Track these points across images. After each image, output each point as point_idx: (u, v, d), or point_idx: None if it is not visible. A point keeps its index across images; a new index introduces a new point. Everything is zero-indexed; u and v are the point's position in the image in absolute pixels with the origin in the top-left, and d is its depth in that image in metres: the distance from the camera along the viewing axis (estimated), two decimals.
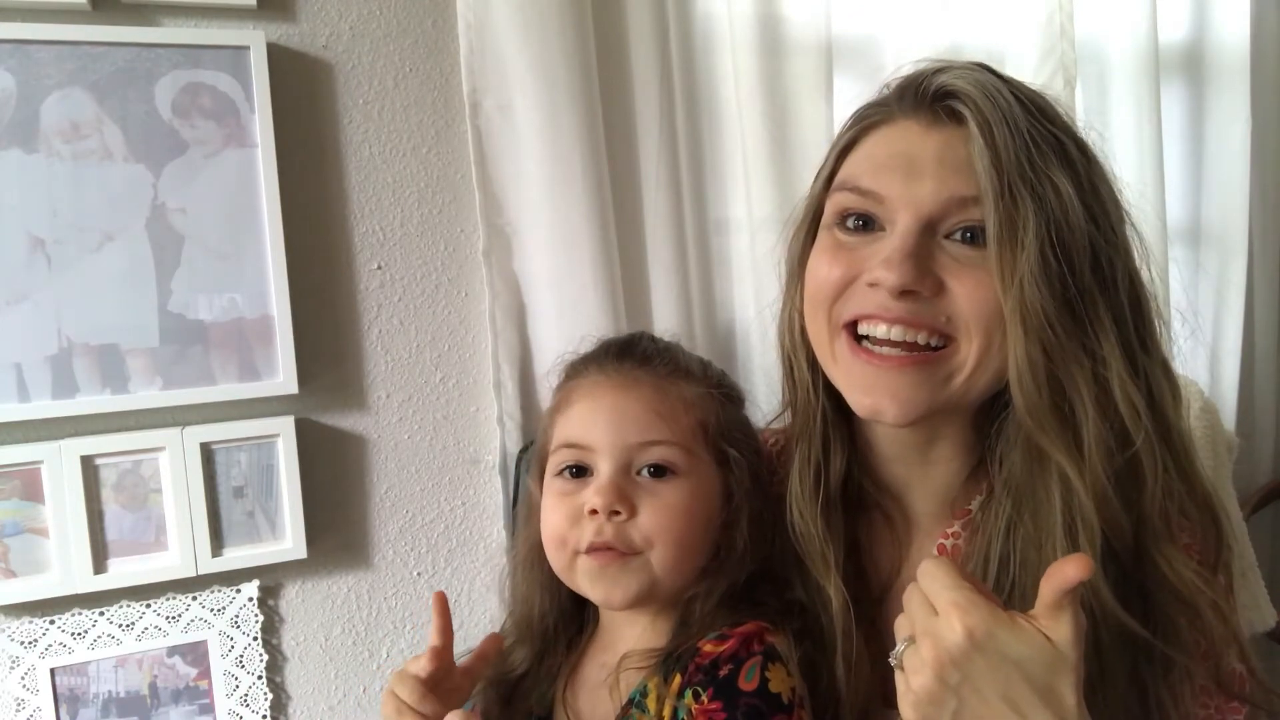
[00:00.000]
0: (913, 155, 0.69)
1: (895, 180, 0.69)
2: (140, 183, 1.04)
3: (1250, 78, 1.50)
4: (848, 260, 0.70)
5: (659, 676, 0.69)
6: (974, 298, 0.66)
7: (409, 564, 1.18)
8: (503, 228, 1.17)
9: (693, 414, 0.77)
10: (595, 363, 0.81)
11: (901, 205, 0.68)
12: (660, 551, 0.73)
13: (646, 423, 0.75)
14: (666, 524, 0.73)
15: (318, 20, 1.11)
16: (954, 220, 0.67)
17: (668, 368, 0.80)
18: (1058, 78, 1.36)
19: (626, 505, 0.73)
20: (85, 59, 1.01)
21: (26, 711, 1.04)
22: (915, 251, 0.66)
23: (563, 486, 0.76)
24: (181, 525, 1.06)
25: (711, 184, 1.26)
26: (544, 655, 0.82)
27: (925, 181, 0.67)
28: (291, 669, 1.14)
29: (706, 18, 1.24)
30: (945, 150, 0.68)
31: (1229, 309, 1.55)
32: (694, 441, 0.76)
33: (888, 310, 0.67)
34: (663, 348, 0.83)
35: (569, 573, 0.76)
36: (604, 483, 0.73)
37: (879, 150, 0.72)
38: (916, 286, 0.66)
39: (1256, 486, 1.57)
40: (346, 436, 1.15)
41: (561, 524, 0.75)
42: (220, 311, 1.07)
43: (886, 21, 1.32)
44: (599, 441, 0.74)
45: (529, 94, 1.12)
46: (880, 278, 0.67)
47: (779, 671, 0.67)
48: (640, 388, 0.77)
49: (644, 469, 0.74)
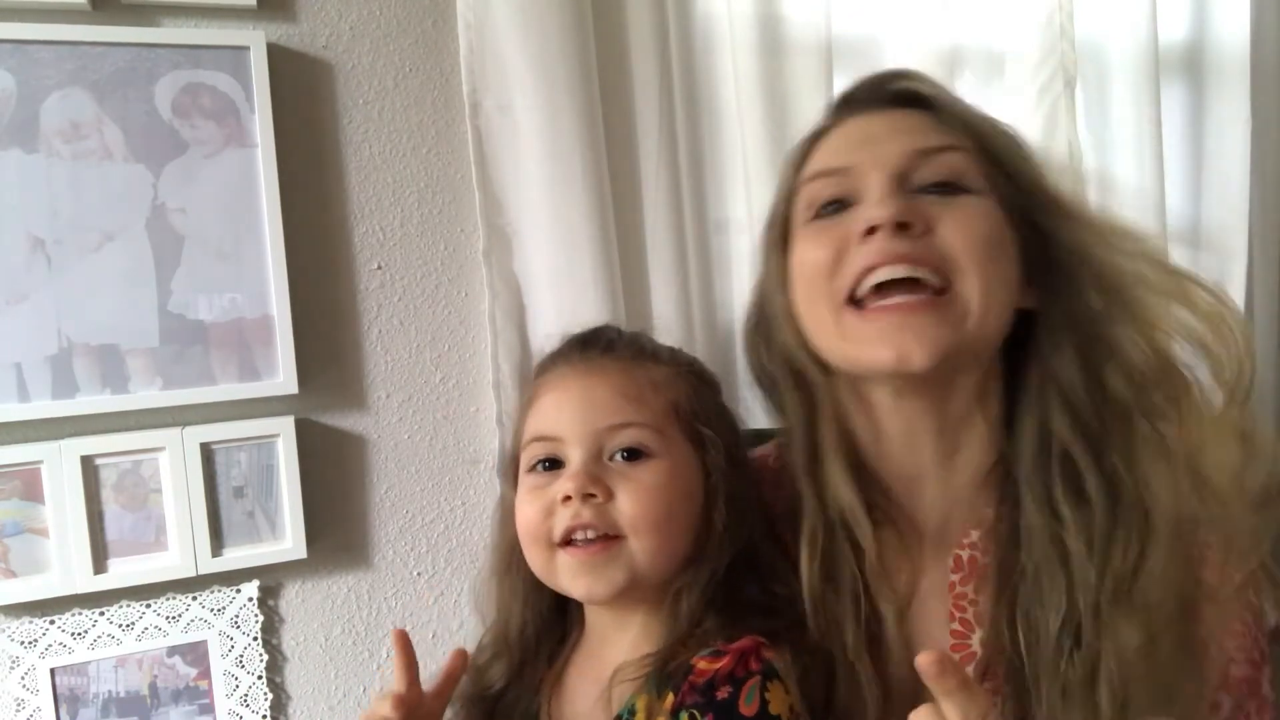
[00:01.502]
0: (867, 131, 0.73)
1: (855, 151, 0.72)
2: (140, 183, 1.04)
3: (1250, 78, 1.50)
4: (831, 237, 0.71)
5: (649, 694, 0.67)
6: (963, 231, 0.68)
7: (409, 564, 1.18)
8: (503, 228, 1.17)
9: (663, 395, 0.75)
10: (561, 356, 0.80)
11: (869, 168, 0.70)
12: (641, 536, 0.71)
13: (615, 406, 0.73)
14: (644, 506, 0.71)
15: (318, 20, 1.11)
16: (922, 174, 0.70)
17: (633, 351, 0.79)
18: (1058, 78, 1.36)
19: (600, 488, 0.71)
20: (85, 59, 1.01)
21: (26, 711, 1.04)
22: (897, 191, 0.69)
23: (535, 481, 0.75)
24: (181, 525, 1.06)
25: (711, 184, 1.26)
26: (523, 668, 0.80)
27: (887, 144, 0.71)
28: (291, 669, 1.14)
29: (706, 18, 1.24)
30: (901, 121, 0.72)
31: None
32: (666, 422, 0.74)
33: (886, 253, 0.67)
34: (628, 335, 0.82)
35: (549, 570, 0.74)
36: (575, 469, 0.72)
37: (833, 142, 0.75)
38: (909, 217, 0.67)
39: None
40: (346, 436, 1.15)
41: (536, 517, 0.73)
42: (220, 311, 1.07)
43: (886, 21, 1.32)
44: (567, 430, 0.73)
45: (529, 94, 1.12)
46: (872, 216, 0.68)
47: (778, 691, 0.65)
48: (606, 373, 0.76)
49: (616, 453, 0.73)
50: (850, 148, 0.72)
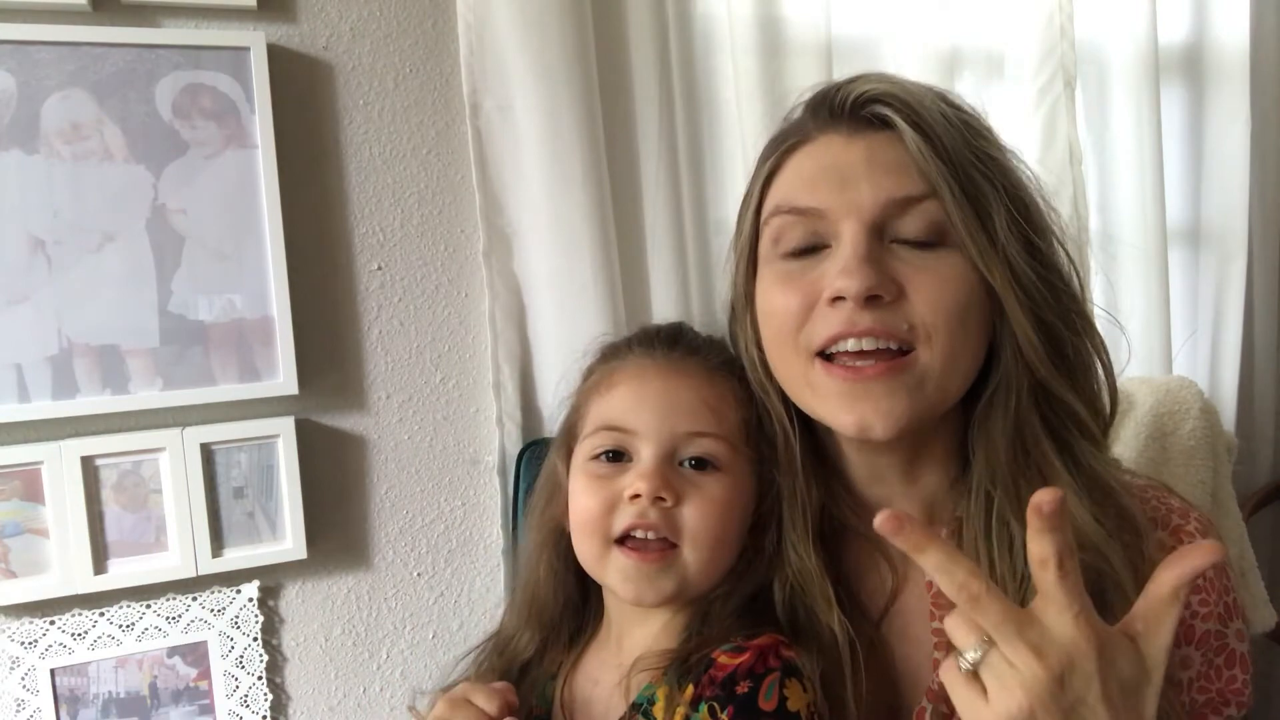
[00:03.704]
0: (841, 165, 0.68)
1: (830, 191, 0.68)
2: (140, 183, 1.04)
3: (1250, 78, 1.50)
4: (801, 286, 0.69)
5: (670, 684, 0.67)
6: (935, 300, 0.66)
7: (409, 565, 1.18)
8: (503, 228, 1.17)
9: (739, 411, 0.74)
10: (641, 346, 0.78)
11: (842, 214, 0.67)
12: (698, 549, 0.70)
13: (696, 412, 0.72)
14: (707, 519, 0.70)
15: (318, 21, 1.11)
16: (897, 224, 0.67)
17: (718, 359, 0.77)
18: (1058, 78, 1.36)
19: (672, 493, 0.70)
20: (86, 60, 1.02)
21: (27, 712, 1.04)
22: (869, 255, 0.66)
23: (598, 470, 0.73)
24: (181, 526, 1.06)
25: (711, 184, 1.26)
26: (547, 645, 0.80)
27: (860, 186, 0.67)
28: (291, 670, 1.14)
29: (706, 18, 1.24)
30: (873, 154, 0.68)
31: (1229, 309, 1.54)
32: (739, 438, 0.73)
33: (854, 324, 0.66)
34: (708, 339, 0.80)
35: (599, 564, 0.73)
36: (649, 468, 0.71)
37: (805, 168, 0.71)
38: (880, 290, 0.65)
39: (1256, 487, 1.57)
40: (346, 437, 1.15)
41: (596, 509, 0.72)
42: (220, 312, 1.07)
43: (886, 22, 1.32)
44: (644, 426, 0.72)
45: (529, 94, 1.12)
46: (842, 288, 0.65)
47: (795, 688, 0.65)
48: (690, 376, 0.74)
49: (687, 460, 0.72)
50: (824, 183, 0.69)
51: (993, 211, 0.66)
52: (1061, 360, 0.69)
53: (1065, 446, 0.70)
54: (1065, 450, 0.70)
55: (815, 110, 0.73)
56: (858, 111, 0.69)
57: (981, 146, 0.69)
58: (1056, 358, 0.69)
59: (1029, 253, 0.68)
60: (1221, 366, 1.55)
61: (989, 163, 0.68)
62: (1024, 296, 0.67)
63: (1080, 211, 1.38)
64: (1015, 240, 0.67)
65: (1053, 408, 0.71)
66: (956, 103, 0.72)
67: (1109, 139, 1.45)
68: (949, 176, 0.65)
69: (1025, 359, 0.68)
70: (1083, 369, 0.72)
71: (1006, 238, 0.66)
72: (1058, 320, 0.69)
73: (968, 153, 0.67)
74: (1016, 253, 0.66)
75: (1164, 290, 1.45)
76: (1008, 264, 0.66)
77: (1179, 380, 1.34)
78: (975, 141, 0.69)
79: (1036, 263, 0.68)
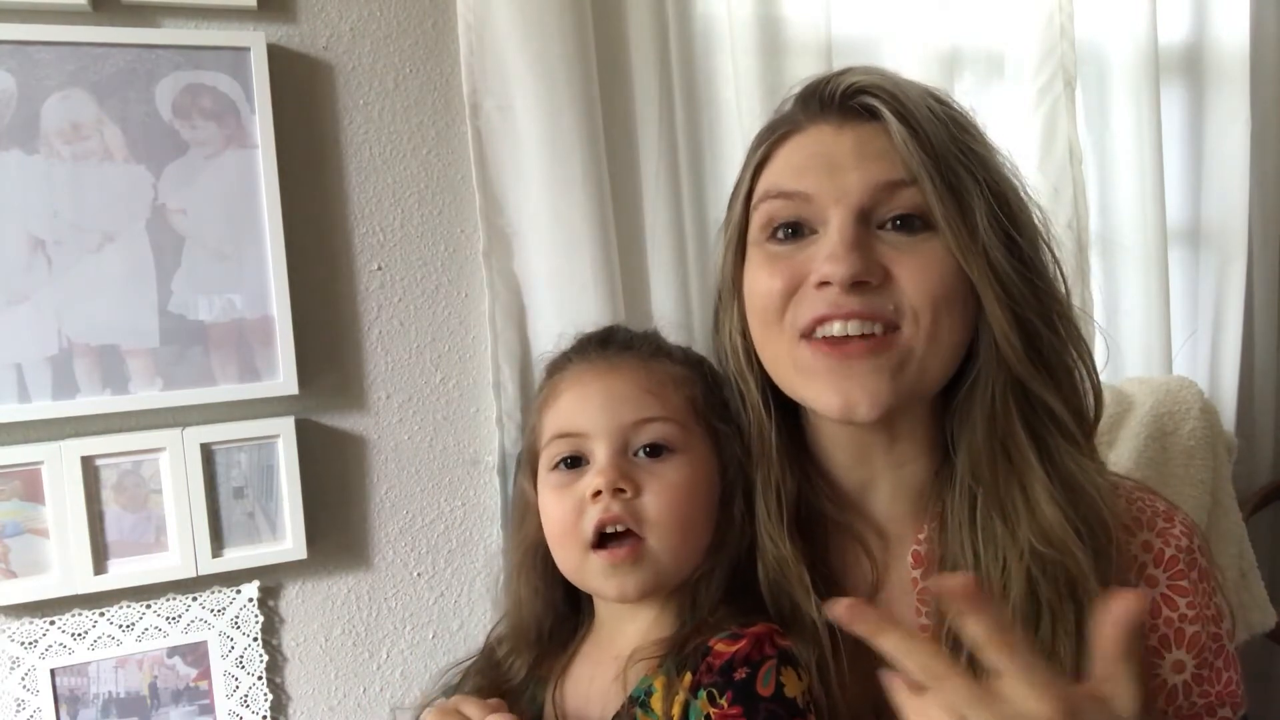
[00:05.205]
0: (830, 153, 0.70)
1: (819, 177, 0.69)
2: (140, 183, 1.04)
3: (1250, 78, 1.50)
4: (787, 268, 0.70)
5: (667, 674, 0.68)
6: (919, 282, 0.67)
7: (409, 565, 1.18)
8: (503, 228, 1.17)
9: (682, 390, 0.76)
10: (577, 354, 0.81)
11: (830, 200, 0.68)
12: (664, 536, 0.71)
13: (638, 401, 0.74)
14: (669, 505, 0.72)
15: (318, 21, 1.11)
16: (885, 209, 0.68)
17: (651, 348, 0.80)
18: (1058, 78, 1.36)
19: (630, 483, 0.72)
20: (86, 60, 1.02)
21: (27, 712, 1.04)
22: (857, 241, 0.67)
23: (559, 479, 0.75)
24: (181, 526, 1.06)
25: (711, 184, 1.26)
26: (540, 660, 0.81)
27: (849, 174, 0.68)
28: (291, 670, 1.14)
29: (706, 18, 1.24)
30: (861, 144, 0.69)
31: (1229, 309, 1.54)
32: (687, 417, 0.75)
33: (839, 307, 0.67)
34: (641, 333, 0.83)
35: (580, 571, 0.74)
36: (604, 463, 0.72)
37: (795, 156, 0.72)
38: (866, 276, 0.66)
39: (1256, 487, 1.57)
40: (346, 437, 1.15)
41: (566, 516, 0.73)
42: (220, 312, 1.07)
43: (886, 22, 1.32)
44: (592, 426, 0.74)
45: (529, 94, 1.12)
46: (828, 273, 0.67)
47: (791, 675, 0.66)
48: (627, 369, 0.76)
49: (641, 449, 0.73)
50: (812, 169, 0.70)
51: (973, 204, 0.67)
52: (1039, 358, 0.70)
53: (1042, 444, 0.71)
54: (1041, 447, 0.71)
55: (805, 101, 0.74)
56: (847, 102, 0.71)
57: (966, 141, 0.70)
58: (1034, 355, 0.70)
59: (1009, 249, 0.69)
60: (1221, 366, 1.55)
61: (972, 157, 0.69)
62: (1001, 292, 0.68)
63: (1080, 211, 1.38)
64: (995, 236, 0.68)
65: (1031, 405, 0.71)
66: (944, 99, 0.73)
67: (1109, 139, 1.45)
68: (930, 167, 0.67)
69: (1002, 354, 0.69)
70: (1064, 370, 0.72)
71: (986, 232, 0.67)
72: (1036, 319, 0.70)
73: (951, 146, 0.68)
74: (995, 248, 0.67)
75: (1164, 290, 1.45)
76: (986, 258, 0.67)
77: (1179, 380, 1.34)
78: (960, 136, 0.70)
79: (1017, 260, 0.69)
